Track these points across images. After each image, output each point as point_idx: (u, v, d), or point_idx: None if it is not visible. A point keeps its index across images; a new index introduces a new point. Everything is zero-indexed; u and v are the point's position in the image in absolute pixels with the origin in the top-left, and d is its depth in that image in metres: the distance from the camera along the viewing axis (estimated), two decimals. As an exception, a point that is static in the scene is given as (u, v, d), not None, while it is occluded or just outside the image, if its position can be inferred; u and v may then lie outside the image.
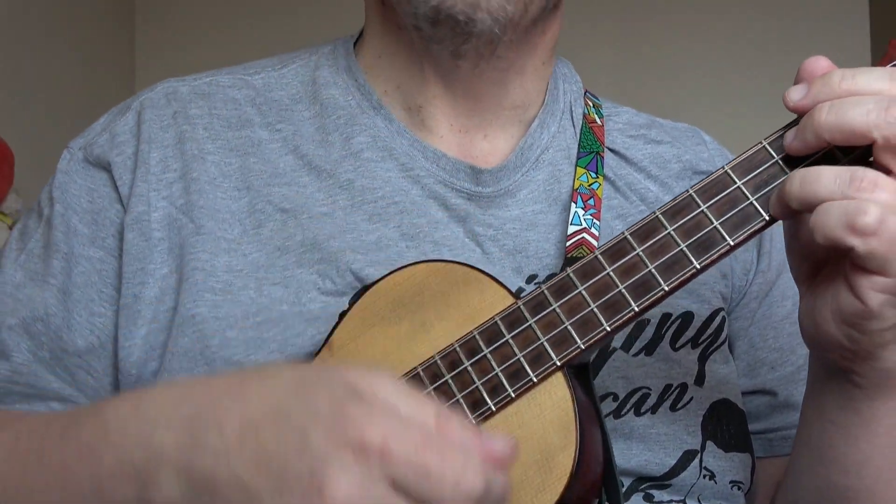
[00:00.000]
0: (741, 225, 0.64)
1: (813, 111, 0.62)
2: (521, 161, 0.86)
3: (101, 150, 0.84)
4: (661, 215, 0.66)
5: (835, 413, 0.73)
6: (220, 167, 0.83)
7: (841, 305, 0.63)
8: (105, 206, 0.82)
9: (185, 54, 3.26)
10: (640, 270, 0.66)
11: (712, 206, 0.65)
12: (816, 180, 0.61)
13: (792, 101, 0.64)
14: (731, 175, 0.65)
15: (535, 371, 0.65)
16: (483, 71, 0.84)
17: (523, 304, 0.67)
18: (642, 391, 0.80)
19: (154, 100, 0.86)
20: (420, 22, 0.80)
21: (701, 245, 0.65)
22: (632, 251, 0.66)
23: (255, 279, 0.78)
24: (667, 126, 0.97)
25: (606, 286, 0.66)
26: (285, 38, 3.09)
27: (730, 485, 0.81)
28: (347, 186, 0.83)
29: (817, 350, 0.70)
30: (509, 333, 0.67)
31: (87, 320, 0.80)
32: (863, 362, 0.67)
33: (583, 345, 0.65)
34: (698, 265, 0.65)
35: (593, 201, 0.84)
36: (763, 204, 0.64)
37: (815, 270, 0.68)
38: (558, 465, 0.63)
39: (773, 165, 0.65)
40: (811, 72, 0.65)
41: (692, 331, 0.84)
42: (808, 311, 0.67)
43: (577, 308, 0.66)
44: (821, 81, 0.63)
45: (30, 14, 2.71)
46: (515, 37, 0.82)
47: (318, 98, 0.87)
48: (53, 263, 0.81)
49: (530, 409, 0.66)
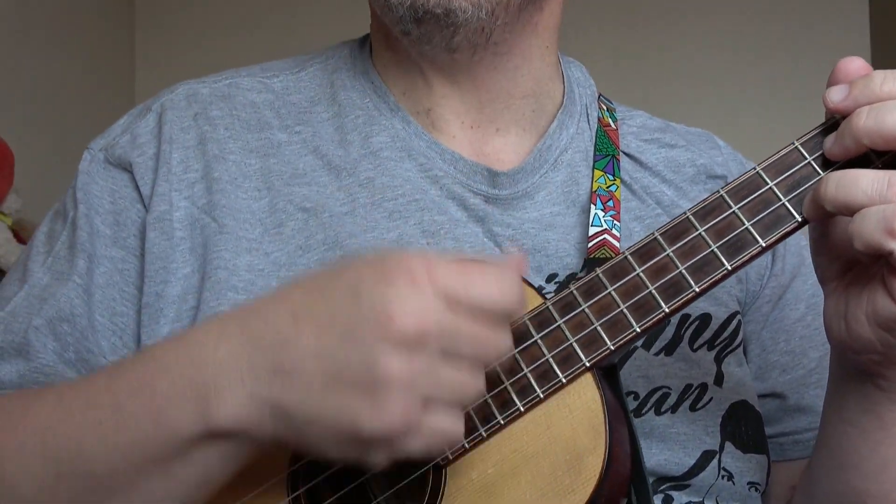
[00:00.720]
0: (773, 226, 0.64)
1: (852, 116, 0.62)
2: (540, 162, 0.86)
3: (122, 150, 0.84)
4: (692, 216, 0.66)
5: (856, 416, 0.72)
6: (241, 167, 0.83)
7: (877, 309, 0.63)
8: (126, 207, 0.82)
9: (185, 57, 3.25)
10: (671, 271, 0.65)
11: (744, 206, 0.65)
12: (854, 184, 0.60)
13: (833, 101, 0.64)
14: (763, 176, 0.65)
15: (565, 372, 0.65)
16: (483, 59, 0.84)
17: (552, 304, 0.67)
18: (662, 390, 0.80)
19: (175, 101, 0.87)
20: (406, 26, 0.80)
21: (732, 246, 0.64)
22: (662, 252, 0.66)
23: (277, 278, 0.78)
24: (681, 130, 0.97)
25: (636, 287, 0.66)
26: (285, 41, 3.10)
27: (747, 486, 0.81)
28: (367, 185, 0.82)
29: (845, 352, 0.69)
30: (538, 334, 0.66)
31: (110, 320, 0.80)
32: (892, 367, 0.67)
33: (612, 346, 0.65)
34: (729, 267, 0.64)
35: (612, 203, 0.84)
36: (796, 205, 0.64)
37: (845, 270, 0.67)
38: (587, 467, 0.63)
39: (805, 166, 0.64)
40: (847, 72, 0.64)
41: (709, 332, 0.84)
42: (837, 311, 0.67)
43: (607, 309, 0.66)
44: (862, 83, 0.63)
45: (30, 15, 2.70)
46: (508, 18, 0.81)
47: (336, 99, 0.88)
48: (79, 263, 0.81)
49: (559, 410, 0.65)
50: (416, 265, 0.57)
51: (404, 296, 0.56)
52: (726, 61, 3.10)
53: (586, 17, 3.07)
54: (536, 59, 0.87)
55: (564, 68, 0.93)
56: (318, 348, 0.56)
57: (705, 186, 0.91)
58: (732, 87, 3.08)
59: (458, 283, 0.57)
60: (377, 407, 0.55)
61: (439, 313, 0.56)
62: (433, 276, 0.57)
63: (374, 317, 0.55)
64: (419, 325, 0.55)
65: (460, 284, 0.57)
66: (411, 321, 0.55)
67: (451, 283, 0.57)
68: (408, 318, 0.55)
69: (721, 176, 0.92)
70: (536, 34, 0.86)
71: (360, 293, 0.57)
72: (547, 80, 0.89)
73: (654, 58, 3.14)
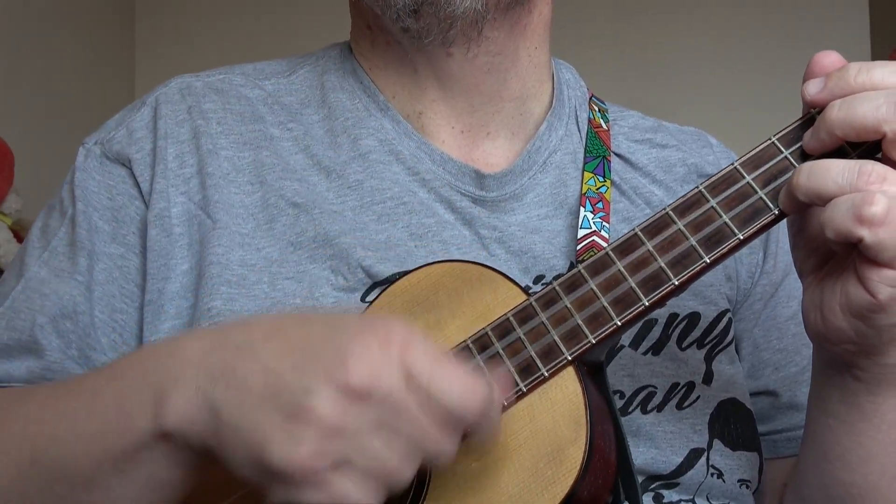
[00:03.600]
0: (750, 219, 0.65)
1: (826, 109, 0.63)
2: (529, 164, 0.87)
3: (119, 145, 0.85)
4: (671, 211, 0.67)
5: (837, 408, 0.73)
6: (234, 162, 0.84)
7: (850, 298, 0.63)
8: (125, 203, 0.83)
9: (185, 54, 3.26)
10: (650, 265, 0.66)
11: (722, 201, 0.65)
12: (825, 173, 0.61)
13: (809, 94, 0.65)
14: (741, 171, 0.66)
15: (547, 366, 0.66)
16: (476, 56, 0.85)
17: (535, 300, 0.68)
18: (648, 389, 0.80)
19: (169, 95, 0.87)
20: (405, 20, 0.81)
21: (710, 239, 0.65)
22: (642, 246, 0.66)
23: (269, 273, 0.79)
24: (673, 130, 0.97)
25: (616, 281, 0.66)
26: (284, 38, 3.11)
27: (738, 483, 0.82)
28: (357, 187, 0.83)
29: (822, 343, 0.70)
30: (521, 329, 0.67)
31: (110, 317, 0.81)
32: (867, 357, 0.67)
33: (593, 339, 0.66)
34: (708, 259, 0.65)
35: (602, 205, 0.85)
36: (772, 198, 0.65)
37: (822, 263, 0.68)
38: (568, 458, 0.64)
39: (782, 160, 0.65)
40: (822, 65, 0.65)
41: (698, 331, 0.84)
42: (814, 303, 0.68)
43: (588, 303, 0.66)
44: (837, 75, 0.63)
45: (30, 14, 2.71)
46: (498, 14, 0.83)
47: (326, 101, 0.89)
48: (80, 261, 0.81)
49: (542, 403, 0.66)
50: (396, 333, 0.56)
51: (369, 352, 0.55)
52: (726, 61, 3.10)
53: (584, 16, 3.07)
54: (524, 60, 0.88)
55: (555, 71, 0.94)
56: (272, 364, 0.56)
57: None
58: (732, 85, 3.07)
59: (426, 368, 0.56)
60: (289, 440, 0.54)
61: (393, 382, 0.55)
62: (406, 348, 0.56)
63: (331, 357, 0.55)
64: (367, 382, 0.54)
65: (427, 370, 0.56)
66: (362, 374, 0.54)
67: (420, 364, 0.56)
68: (360, 370, 0.54)
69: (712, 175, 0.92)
70: (524, 36, 0.88)
71: (333, 334, 0.57)
72: (534, 83, 0.90)
73: (652, 56, 3.14)
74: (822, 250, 0.68)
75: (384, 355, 0.55)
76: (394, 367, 0.55)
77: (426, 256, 0.79)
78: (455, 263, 0.73)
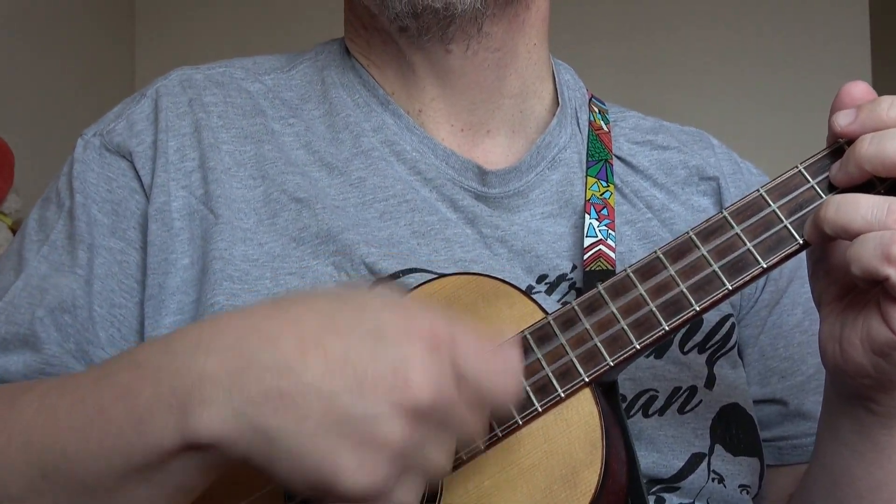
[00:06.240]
0: (775, 248, 0.65)
1: (856, 143, 0.62)
2: (538, 160, 0.86)
3: (120, 138, 0.83)
4: (695, 236, 0.66)
5: (849, 437, 0.73)
6: (235, 156, 0.82)
7: (872, 335, 0.63)
8: (125, 197, 0.82)
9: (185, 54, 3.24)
10: (672, 290, 0.66)
11: (746, 228, 0.65)
12: (853, 208, 0.61)
13: (840, 125, 0.64)
14: (766, 198, 0.65)
15: (564, 387, 0.65)
16: (475, 53, 0.84)
17: (553, 318, 0.67)
18: (650, 393, 0.80)
19: (169, 87, 0.86)
20: (404, 21, 0.80)
21: (734, 266, 0.65)
22: (664, 270, 0.66)
23: (272, 269, 0.78)
24: (674, 130, 0.97)
25: (637, 304, 0.66)
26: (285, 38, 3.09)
27: (739, 489, 0.82)
28: (359, 184, 0.83)
29: (838, 375, 0.70)
30: (538, 348, 0.67)
31: (108, 311, 0.79)
32: (884, 392, 0.67)
33: (612, 362, 0.65)
34: (730, 286, 0.65)
35: (606, 211, 0.84)
36: (798, 228, 0.64)
37: (842, 294, 0.68)
38: (583, 482, 0.63)
39: (808, 190, 0.65)
40: (853, 96, 0.65)
41: (700, 336, 0.84)
42: (833, 336, 0.67)
43: (608, 325, 0.66)
44: (869, 108, 0.63)
45: (30, 14, 2.70)
46: (497, 9, 0.82)
47: (326, 97, 0.88)
48: (79, 255, 0.80)
49: (557, 424, 0.66)
50: (441, 330, 0.55)
51: (425, 363, 0.54)
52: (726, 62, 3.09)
53: (588, 24, 3.07)
54: (523, 56, 0.88)
55: (555, 72, 0.93)
56: (324, 387, 0.53)
57: (697, 188, 0.91)
58: (732, 86, 3.07)
59: (475, 366, 0.56)
60: (363, 467, 0.53)
61: (451, 391, 0.55)
62: (454, 347, 0.55)
63: (391, 376, 0.53)
64: (433, 399, 0.53)
65: (476, 368, 0.56)
66: (427, 393, 0.53)
67: (470, 363, 0.56)
68: (424, 389, 0.53)
69: (713, 177, 0.92)
70: (523, 31, 0.87)
71: (380, 343, 0.54)
72: (534, 80, 0.89)
73: (652, 58, 3.13)
74: (843, 282, 0.68)
75: (437, 362, 0.54)
76: (448, 373, 0.55)
77: (429, 254, 0.79)
78: (471, 276, 0.72)
